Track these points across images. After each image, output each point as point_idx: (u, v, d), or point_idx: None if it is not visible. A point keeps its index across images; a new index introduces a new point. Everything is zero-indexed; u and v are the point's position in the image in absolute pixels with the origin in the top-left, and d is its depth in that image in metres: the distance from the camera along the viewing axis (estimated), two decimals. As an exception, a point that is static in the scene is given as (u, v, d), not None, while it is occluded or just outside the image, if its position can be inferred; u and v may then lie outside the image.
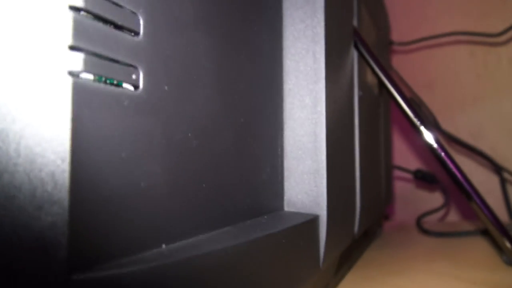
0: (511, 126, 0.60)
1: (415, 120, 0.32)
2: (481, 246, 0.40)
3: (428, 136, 0.31)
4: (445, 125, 0.60)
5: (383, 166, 0.44)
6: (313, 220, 0.20)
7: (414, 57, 0.66)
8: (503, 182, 0.57)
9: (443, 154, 0.31)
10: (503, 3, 0.60)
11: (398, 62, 0.65)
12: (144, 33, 0.12)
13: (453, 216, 0.62)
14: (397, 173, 0.62)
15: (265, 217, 0.19)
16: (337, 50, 0.25)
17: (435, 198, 0.61)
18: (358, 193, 0.30)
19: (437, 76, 0.65)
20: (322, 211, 0.21)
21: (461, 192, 0.31)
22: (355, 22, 0.31)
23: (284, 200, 0.22)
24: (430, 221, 0.55)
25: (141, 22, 0.12)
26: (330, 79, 0.23)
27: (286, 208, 0.22)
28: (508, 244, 0.30)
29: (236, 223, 0.17)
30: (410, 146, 0.65)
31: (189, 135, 0.14)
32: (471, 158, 0.60)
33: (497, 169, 0.58)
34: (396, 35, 0.63)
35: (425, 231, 0.46)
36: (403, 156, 0.64)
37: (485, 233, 0.43)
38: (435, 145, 0.31)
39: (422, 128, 0.31)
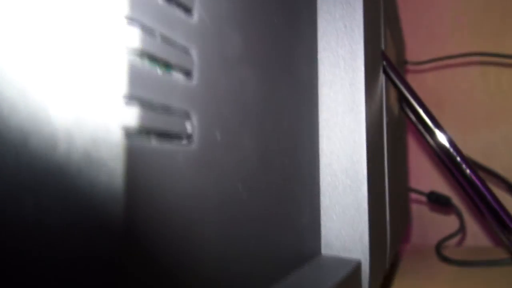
0: (526, 147, 0.59)
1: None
2: (506, 275, 0.38)
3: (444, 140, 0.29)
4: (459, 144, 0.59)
5: (405, 191, 0.42)
6: (356, 268, 0.18)
7: (425, 76, 0.65)
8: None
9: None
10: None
11: (410, 81, 0.64)
12: (196, 74, 0.11)
13: (470, 238, 0.60)
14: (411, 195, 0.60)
15: (306, 268, 0.17)
16: (372, 77, 0.24)
17: (450, 220, 0.60)
18: (388, 224, 0.28)
19: (448, 95, 0.63)
20: (364, 255, 0.19)
21: (477, 202, 0.29)
22: (382, 46, 0.30)
23: (322, 241, 0.20)
24: (448, 245, 0.53)
25: (194, 61, 0.10)
26: (368, 109, 0.21)
27: (323, 251, 0.20)
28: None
29: (280, 272, 0.15)
30: (423, 167, 0.64)
31: (240, 187, 0.12)
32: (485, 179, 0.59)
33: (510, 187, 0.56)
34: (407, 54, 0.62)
35: (446, 259, 0.44)
36: (416, 178, 0.63)
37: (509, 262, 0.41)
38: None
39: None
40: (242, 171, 0.13)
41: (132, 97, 0.08)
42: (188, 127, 0.10)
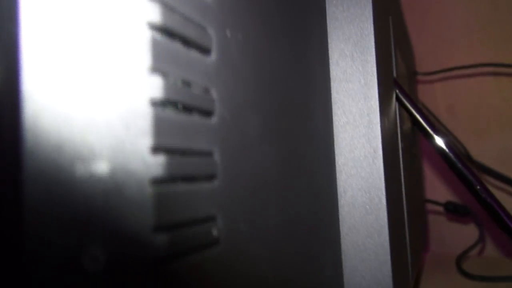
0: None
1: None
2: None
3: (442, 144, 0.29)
4: (470, 151, 0.58)
5: (421, 206, 0.41)
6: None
7: (437, 84, 0.64)
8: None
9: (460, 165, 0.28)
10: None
11: (421, 89, 0.64)
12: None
13: (489, 249, 0.59)
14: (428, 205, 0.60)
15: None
16: (386, 105, 0.23)
17: (469, 229, 0.59)
18: (409, 252, 0.28)
19: (460, 100, 0.63)
20: (389, 302, 0.19)
21: (480, 205, 0.29)
22: (394, 73, 0.29)
23: (344, 286, 0.20)
24: (468, 256, 0.53)
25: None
26: (384, 138, 0.21)
27: (346, 297, 0.20)
28: None
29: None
30: (439, 178, 0.63)
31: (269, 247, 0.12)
32: (502, 186, 0.58)
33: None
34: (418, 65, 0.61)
35: (467, 274, 0.44)
36: (433, 189, 0.62)
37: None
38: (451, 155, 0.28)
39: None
40: (267, 245, 0.12)
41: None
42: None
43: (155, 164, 0.08)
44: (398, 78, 0.30)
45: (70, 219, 0.07)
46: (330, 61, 0.21)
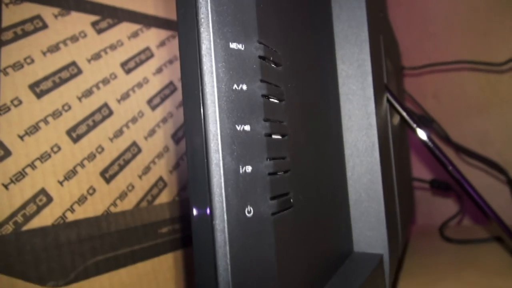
0: (515, 134, 0.66)
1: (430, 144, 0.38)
2: (498, 251, 0.46)
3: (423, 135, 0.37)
4: (454, 133, 0.66)
5: (409, 184, 0.50)
6: (381, 261, 0.26)
7: (422, 76, 0.72)
8: (511, 185, 0.63)
9: (437, 151, 0.37)
10: (504, 27, 0.66)
11: (408, 80, 0.72)
12: (291, 171, 0.18)
13: (468, 219, 0.68)
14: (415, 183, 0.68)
15: (347, 264, 0.25)
16: (379, 105, 0.31)
17: (451, 202, 0.68)
18: (399, 218, 0.36)
19: (443, 90, 0.71)
20: (385, 250, 0.27)
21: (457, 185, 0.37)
22: (385, 79, 0.37)
23: (353, 242, 0.28)
24: (450, 225, 0.62)
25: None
26: (379, 128, 0.29)
27: (355, 248, 0.28)
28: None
29: (334, 266, 0.23)
30: (425, 160, 0.71)
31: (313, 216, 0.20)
32: (481, 164, 0.67)
33: (505, 173, 0.64)
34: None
35: (448, 239, 0.53)
36: (420, 169, 0.71)
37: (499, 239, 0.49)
38: (430, 143, 0.37)
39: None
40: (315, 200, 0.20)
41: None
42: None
43: (270, 165, 0.16)
44: (388, 84, 0.38)
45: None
46: (339, 81, 0.28)
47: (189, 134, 0.14)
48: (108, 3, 0.40)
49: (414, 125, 0.36)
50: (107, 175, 0.36)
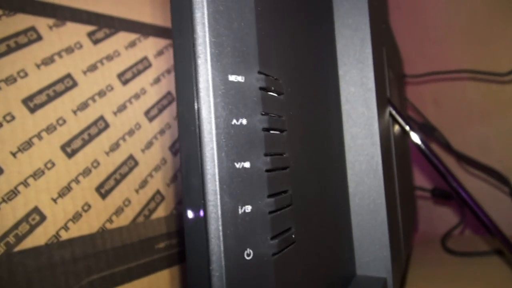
0: (517, 142, 0.66)
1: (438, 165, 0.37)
2: (500, 265, 0.46)
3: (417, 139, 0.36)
4: (455, 141, 0.65)
5: (411, 193, 0.49)
6: (384, 285, 0.25)
7: (424, 83, 0.71)
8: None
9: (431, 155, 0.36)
10: (507, 35, 0.65)
11: (410, 88, 0.71)
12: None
13: (470, 229, 0.67)
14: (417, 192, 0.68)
15: (352, 287, 0.24)
16: (382, 118, 0.30)
17: (453, 211, 0.67)
18: (402, 232, 0.35)
19: (445, 96, 0.70)
20: (388, 274, 0.26)
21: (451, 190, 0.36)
22: (388, 93, 0.36)
23: (356, 265, 0.27)
24: (452, 235, 0.61)
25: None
26: (382, 142, 0.28)
27: (358, 271, 0.27)
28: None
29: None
30: (427, 168, 0.71)
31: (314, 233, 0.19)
32: (482, 173, 0.66)
33: (506, 182, 0.63)
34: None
35: (450, 251, 0.52)
36: (422, 177, 0.70)
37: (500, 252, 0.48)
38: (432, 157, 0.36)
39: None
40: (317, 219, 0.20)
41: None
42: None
43: (271, 202, 0.15)
44: (390, 95, 0.37)
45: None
46: (341, 99, 0.28)
47: (186, 174, 0.14)
48: (105, 13, 0.39)
49: (416, 139, 0.36)
50: (103, 190, 0.35)
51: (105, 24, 0.39)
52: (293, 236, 0.17)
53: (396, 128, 0.41)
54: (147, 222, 0.38)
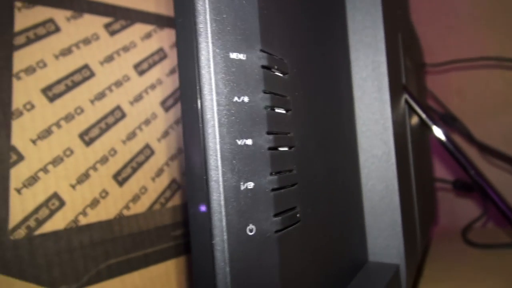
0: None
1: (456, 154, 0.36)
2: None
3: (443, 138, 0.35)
4: (478, 132, 0.64)
5: (430, 186, 0.48)
6: (397, 272, 0.25)
7: (446, 73, 0.69)
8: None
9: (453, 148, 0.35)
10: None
11: (431, 78, 0.69)
12: (299, 184, 0.17)
13: (493, 221, 0.65)
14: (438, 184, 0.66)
15: (361, 275, 0.24)
16: (396, 108, 0.30)
17: (475, 204, 0.65)
18: (418, 222, 0.35)
19: (468, 86, 0.68)
20: (401, 261, 0.26)
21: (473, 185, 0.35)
22: (404, 80, 0.36)
23: (368, 251, 0.27)
24: (472, 228, 0.59)
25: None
26: (395, 130, 0.28)
27: (370, 258, 0.27)
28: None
29: (348, 278, 0.22)
30: (448, 160, 0.69)
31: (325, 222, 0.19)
32: (506, 165, 0.64)
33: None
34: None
35: (471, 243, 0.51)
36: (443, 169, 0.68)
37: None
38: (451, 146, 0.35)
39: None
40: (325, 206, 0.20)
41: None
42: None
43: (273, 180, 0.15)
44: (407, 83, 0.36)
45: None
46: (353, 84, 0.27)
47: (188, 150, 0.14)
48: (121, 4, 0.40)
49: (433, 126, 0.35)
50: (120, 178, 0.35)
51: (121, 16, 0.39)
52: (298, 215, 0.17)
53: (414, 117, 0.40)
54: (163, 210, 0.38)
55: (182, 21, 0.14)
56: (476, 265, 0.44)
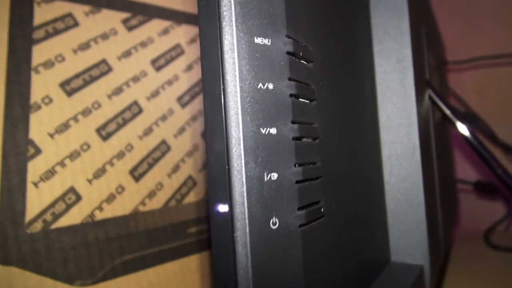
0: None
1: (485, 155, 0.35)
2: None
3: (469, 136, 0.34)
4: (501, 132, 0.62)
5: (452, 186, 0.47)
6: (421, 273, 0.24)
7: (467, 71, 0.68)
8: None
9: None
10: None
11: (452, 76, 0.67)
12: (323, 178, 0.17)
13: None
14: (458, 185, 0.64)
15: (384, 276, 0.23)
16: (420, 102, 0.29)
17: (496, 206, 0.63)
18: (441, 224, 0.33)
19: (490, 84, 0.66)
20: (425, 261, 0.25)
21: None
22: (427, 75, 0.35)
23: (390, 251, 0.26)
24: (495, 231, 0.58)
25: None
26: (420, 125, 0.26)
27: (392, 258, 0.26)
28: None
29: (371, 278, 0.22)
30: (469, 160, 0.67)
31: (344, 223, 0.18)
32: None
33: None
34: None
35: (494, 246, 0.49)
36: (464, 170, 0.67)
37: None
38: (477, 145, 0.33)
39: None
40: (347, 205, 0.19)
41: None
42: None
43: (298, 171, 0.14)
44: (430, 79, 0.35)
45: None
46: (377, 77, 0.26)
47: (210, 139, 0.13)
48: (139, 0, 0.39)
49: (458, 123, 0.34)
50: (136, 174, 0.35)
51: (139, 11, 0.39)
52: (322, 210, 0.16)
53: (436, 114, 0.39)
54: (179, 207, 0.38)
55: (205, 3, 0.13)
56: (499, 269, 0.42)
